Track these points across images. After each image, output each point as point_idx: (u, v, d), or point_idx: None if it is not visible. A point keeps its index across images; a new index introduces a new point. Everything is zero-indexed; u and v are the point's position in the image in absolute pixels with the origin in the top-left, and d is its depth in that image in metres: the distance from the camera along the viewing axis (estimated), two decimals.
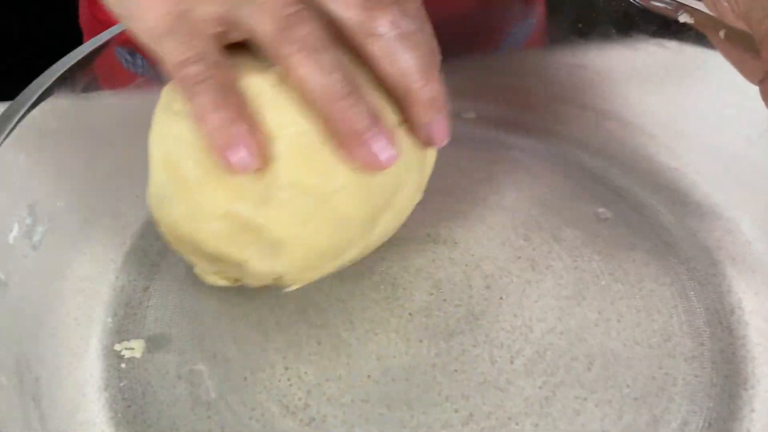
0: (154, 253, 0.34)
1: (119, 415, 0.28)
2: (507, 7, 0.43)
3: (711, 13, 0.33)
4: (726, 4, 0.31)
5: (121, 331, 0.31)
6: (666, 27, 0.36)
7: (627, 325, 0.31)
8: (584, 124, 0.40)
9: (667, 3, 0.35)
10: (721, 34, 0.32)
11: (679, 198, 0.37)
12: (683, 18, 0.34)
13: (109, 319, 0.31)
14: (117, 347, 0.30)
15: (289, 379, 0.29)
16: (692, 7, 0.34)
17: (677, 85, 0.39)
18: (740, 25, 0.31)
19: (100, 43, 0.32)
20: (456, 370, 0.29)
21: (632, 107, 0.40)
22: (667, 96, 0.39)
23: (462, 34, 0.43)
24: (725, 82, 0.33)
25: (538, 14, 0.44)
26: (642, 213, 0.36)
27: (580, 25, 0.39)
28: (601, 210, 0.36)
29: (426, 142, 0.28)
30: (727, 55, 0.33)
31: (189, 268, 0.32)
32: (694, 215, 0.36)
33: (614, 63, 0.40)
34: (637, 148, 0.39)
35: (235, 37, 0.26)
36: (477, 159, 0.40)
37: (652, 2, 0.35)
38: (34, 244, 0.29)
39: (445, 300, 0.32)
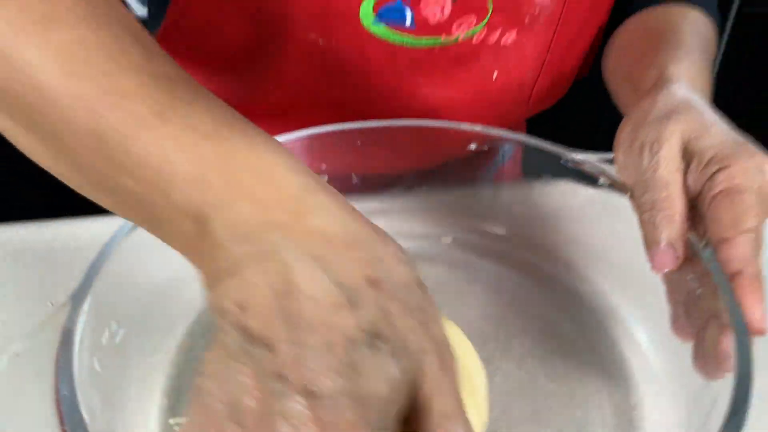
0: (200, 348, 0.45)
1: None
2: (491, 152, 0.54)
3: (620, 180, 0.44)
4: (625, 174, 0.42)
5: (174, 408, 0.42)
6: (594, 180, 0.47)
7: (554, 417, 0.41)
8: (535, 251, 0.51)
9: (592, 167, 0.46)
10: (628, 195, 0.43)
11: (605, 314, 0.47)
12: (602, 181, 0.45)
13: (165, 400, 0.42)
14: (171, 421, 0.41)
15: None
16: (609, 174, 0.45)
17: (602, 222, 0.50)
18: None
19: None
20: None
21: (575, 240, 0.51)
22: (594, 230, 0.50)
23: (450, 175, 0.55)
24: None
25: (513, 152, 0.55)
26: (577, 326, 0.47)
27: (524, 175, 0.50)
28: (544, 324, 0.47)
29: None
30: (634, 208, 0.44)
31: None
32: (616, 330, 0.46)
33: (553, 203, 0.51)
34: (577, 272, 0.50)
35: None
36: (451, 277, 0.50)
37: (581, 167, 0.46)
38: (116, 343, 0.40)
39: None
